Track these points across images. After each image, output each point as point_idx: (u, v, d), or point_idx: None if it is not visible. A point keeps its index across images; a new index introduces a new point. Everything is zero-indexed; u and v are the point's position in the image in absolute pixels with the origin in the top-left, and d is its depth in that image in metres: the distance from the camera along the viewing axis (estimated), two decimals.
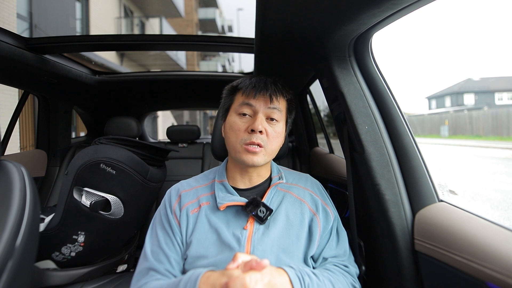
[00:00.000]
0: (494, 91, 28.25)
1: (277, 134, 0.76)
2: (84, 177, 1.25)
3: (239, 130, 0.74)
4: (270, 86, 0.76)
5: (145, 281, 0.69)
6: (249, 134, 0.73)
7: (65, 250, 1.29)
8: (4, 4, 4.57)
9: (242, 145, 0.73)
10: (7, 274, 0.48)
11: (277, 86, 0.77)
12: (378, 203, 0.77)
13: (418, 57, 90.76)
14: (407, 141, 0.78)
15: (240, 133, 0.74)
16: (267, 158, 0.76)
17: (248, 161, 0.73)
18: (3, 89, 4.43)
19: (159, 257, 0.72)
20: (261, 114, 0.75)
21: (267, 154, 0.75)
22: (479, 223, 0.61)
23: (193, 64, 16.41)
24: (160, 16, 10.99)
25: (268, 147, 0.74)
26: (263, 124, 0.74)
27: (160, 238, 0.75)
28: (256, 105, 0.75)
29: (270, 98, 0.75)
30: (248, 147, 0.72)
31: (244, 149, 0.73)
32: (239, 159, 0.75)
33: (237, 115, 0.76)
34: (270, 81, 0.78)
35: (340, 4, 0.60)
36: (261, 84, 0.76)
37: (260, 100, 0.75)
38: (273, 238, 0.71)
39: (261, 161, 0.74)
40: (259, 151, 0.73)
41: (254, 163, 0.73)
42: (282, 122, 0.79)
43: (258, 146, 0.73)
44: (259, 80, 0.77)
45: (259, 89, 0.75)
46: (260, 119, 0.73)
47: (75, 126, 6.23)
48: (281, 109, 0.78)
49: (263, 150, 0.73)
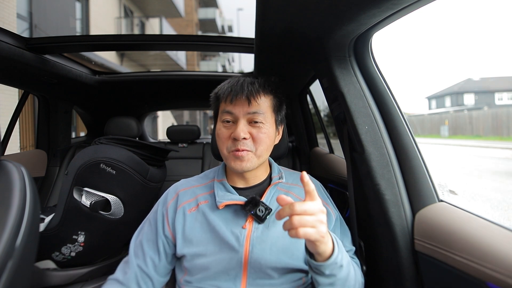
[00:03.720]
0: (494, 91, 28.26)
1: (265, 135, 0.74)
2: (84, 177, 1.25)
3: (224, 138, 0.74)
4: (247, 87, 0.72)
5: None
6: (233, 142, 0.72)
7: (65, 250, 1.29)
8: (4, 4, 4.57)
9: (230, 153, 0.73)
10: (7, 274, 0.48)
11: (254, 86, 0.73)
12: (378, 203, 0.77)
13: (418, 57, 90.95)
14: (407, 141, 0.78)
15: (226, 141, 0.74)
16: (258, 161, 0.74)
17: (237, 168, 0.72)
18: (3, 89, 4.43)
19: (137, 251, 0.77)
20: (243, 120, 0.72)
21: (257, 156, 0.73)
22: (479, 223, 0.61)
23: (193, 64, 16.41)
24: (160, 16, 10.99)
25: (257, 150, 0.73)
26: (245, 130, 0.71)
27: (143, 234, 0.79)
28: (235, 111, 0.73)
29: (248, 100, 0.71)
30: (235, 153, 0.72)
31: (232, 156, 0.73)
32: (230, 167, 0.75)
33: (221, 122, 0.76)
34: (248, 81, 0.74)
35: (340, 4, 0.60)
36: (237, 87, 0.72)
37: (238, 105, 0.72)
38: (273, 238, 0.71)
39: (251, 166, 0.73)
40: (245, 155, 0.71)
41: (244, 169, 0.72)
42: (268, 123, 0.75)
43: (245, 151, 0.71)
44: (236, 83, 0.74)
45: (235, 93, 0.72)
46: (241, 126, 0.71)
47: (75, 126, 6.23)
48: (264, 111, 0.73)
49: (250, 154, 0.72)
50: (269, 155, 0.79)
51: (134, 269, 0.74)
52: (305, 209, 0.53)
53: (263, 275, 0.69)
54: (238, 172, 0.75)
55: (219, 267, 0.69)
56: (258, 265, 0.69)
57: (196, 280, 0.72)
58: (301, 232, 0.52)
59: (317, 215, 0.54)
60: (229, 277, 0.69)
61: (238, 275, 0.69)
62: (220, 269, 0.70)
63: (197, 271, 0.71)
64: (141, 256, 0.76)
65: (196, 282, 0.72)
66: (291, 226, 0.52)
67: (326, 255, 0.58)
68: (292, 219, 0.52)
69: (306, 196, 0.56)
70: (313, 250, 0.58)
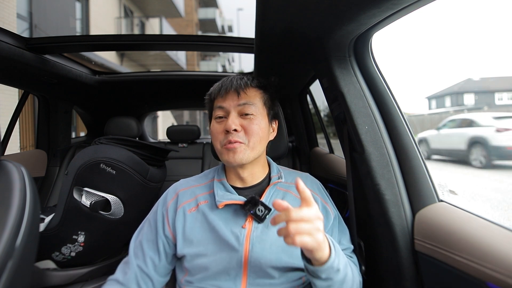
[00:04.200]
0: (494, 91, 28.23)
1: (257, 127, 0.74)
2: (84, 177, 1.25)
3: (217, 132, 0.75)
4: (236, 82, 0.75)
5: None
6: (226, 135, 0.73)
7: (65, 250, 1.29)
8: (4, 4, 4.57)
9: (222, 147, 0.74)
10: (7, 274, 0.48)
11: (243, 80, 0.76)
12: (378, 203, 0.77)
13: (418, 57, 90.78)
14: (407, 141, 0.78)
15: (219, 136, 0.74)
16: (252, 153, 0.74)
17: (231, 160, 0.72)
18: (3, 89, 4.43)
19: (137, 251, 0.77)
20: (234, 112, 0.74)
21: (250, 148, 0.73)
22: (479, 223, 0.61)
23: (193, 64, 16.41)
24: (160, 16, 10.99)
25: (249, 142, 0.73)
26: (236, 122, 0.72)
27: (143, 234, 0.79)
28: (225, 105, 0.75)
29: (237, 92, 0.74)
30: (227, 145, 0.72)
31: (225, 149, 0.73)
32: (224, 161, 0.75)
33: (215, 119, 0.77)
34: (238, 77, 0.77)
35: (340, 4, 0.60)
36: (227, 82, 0.76)
37: (228, 99, 0.75)
38: (273, 237, 0.71)
39: (245, 158, 0.72)
40: (238, 147, 0.72)
41: (237, 161, 0.72)
42: (260, 116, 0.75)
43: (237, 143, 0.72)
44: (227, 79, 0.77)
45: (225, 87, 0.75)
46: (232, 118, 0.73)
47: (75, 126, 6.23)
48: (254, 102, 0.75)
49: (243, 146, 0.72)
50: (264, 149, 0.79)
51: (134, 269, 0.74)
52: (302, 215, 0.52)
53: (263, 275, 0.69)
54: (233, 165, 0.75)
55: (219, 267, 0.69)
56: (258, 265, 0.69)
57: (196, 280, 0.72)
58: (298, 240, 0.51)
59: (314, 222, 0.53)
60: (229, 276, 0.70)
61: (238, 275, 0.69)
62: (220, 269, 0.70)
63: (198, 271, 0.71)
64: (141, 256, 0.76)
65: (196, 282, 0.72)
66: (287, 233, 0.51)
67: (322, 260, 0.58)
68: (289, 226, 0.51)
69: (302, 202, 0.55)
70: (309, 256, 0.58)
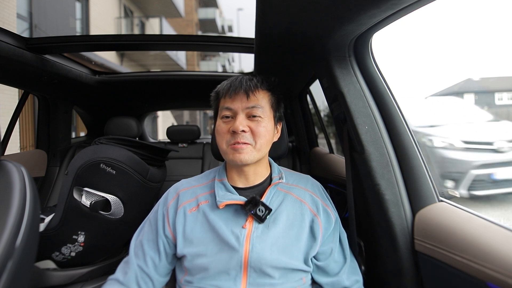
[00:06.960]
0: (494, 91, 28.23)
1: (264, 129, 0.75)
2: (84, 177, 1.25)
3: (223, 132, 0.75)
4: (245, 83, 0.75)
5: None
6: (233, 135, 0.73)
7: (65, 250, 1.29)
8: (4, 4, 4.57)
9: (228, 147, 0.74)
10: (7, 274, 0.48)
11: (252, 81, 0.76)
12: (378, 203, 0.77)
13: (418, 57, 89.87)
14: (407, 141, 0.78)
15: (225, 135, 0.74)
16: (257, 154, 0.74)
17: (236, 160, 0.73)
18: (3, 89, 4.43)
19: (137, 251, 0.77)
20: (241, 114, 0.74)
21: (256, 150, 0.74)
22: (479, 223, 0.61)
23: (193, 64, 16.41)
24: (160, 16, 10.99)
25: (256, 144, 0.73)
26: (244, 123, 0.73)
27: (144, 234, 0.79)
28: (234, 106, 0.75)
29: (246, 94, 0.74)
30: (234, 146, 0.72)
31: (231, 149, 0.73)
32: (229, 160, 0.75)
33: (221, 119, 0.77)
34: (247, 78, 0.76)
35: (340, 5, 0.60)
36: (236, 83, 0.75)
37: (237, 99, 0.75)
38: (273, 238, 0.71)
39: (250, 158, 0.73)
40: (245, 148, 0.72)
41: (243, 161, 0.72)
42: (267, 119, 0.76)
43: (244, 144, 0.72)
44: (235, 79, 0.77)
45: (234, 88, 0.75)
46: (240, 119, 0.73)
47: (75, 126, 6.23)
48: (262, 105, 0.75)
49: (249, 147, 0.73)
50: (268, 151, 0.80)
51: (134, 269, 0.74)
52: None
53: (263, 275, 0.69)
54: (238, 165, 0.75)
55: (220, 267, 0.69)
56: (258, 265, 0.69)
57: (196, 280, 0.72)
58: None
59: None
60: (229, 277, 0.70)
61: (238, 275, 0.69)
62: (220, 269, 0.70)
63: (198, 271, 0.71)
64: (141, 256, 0.76)
65: (196, 282, 0.72)
66: None
67: None
68: None
69: None
70: None
